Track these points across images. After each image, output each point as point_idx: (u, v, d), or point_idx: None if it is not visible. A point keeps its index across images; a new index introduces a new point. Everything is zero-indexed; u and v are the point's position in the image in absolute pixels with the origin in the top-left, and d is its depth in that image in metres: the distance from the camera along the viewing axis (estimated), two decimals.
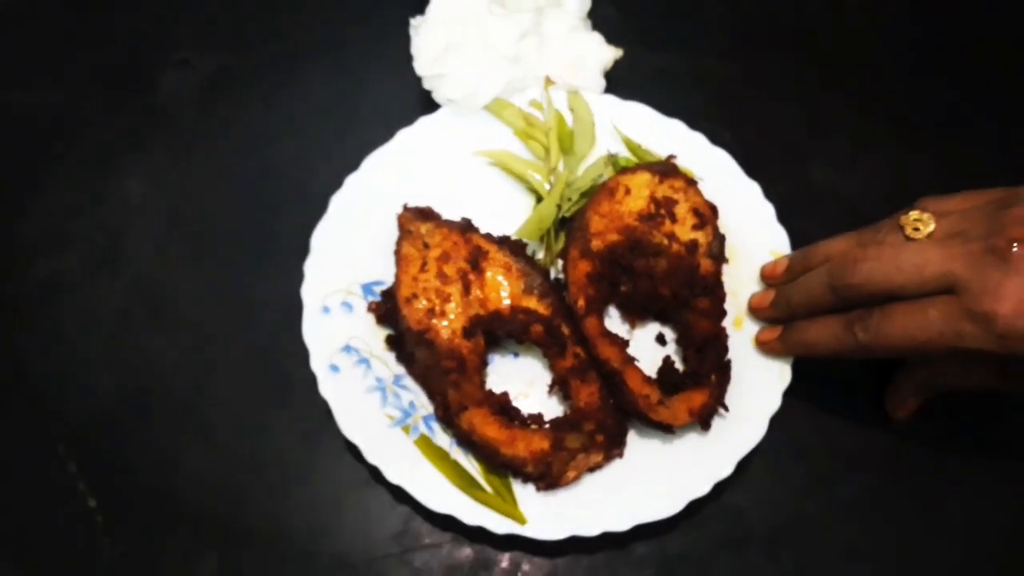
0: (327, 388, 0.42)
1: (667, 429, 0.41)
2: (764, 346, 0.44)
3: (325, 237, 0.46)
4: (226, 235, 0.50)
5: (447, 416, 0.42)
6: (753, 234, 0.47)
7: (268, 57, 0.56)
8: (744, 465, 0.42)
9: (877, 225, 0.40)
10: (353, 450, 0.42)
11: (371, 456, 0.41)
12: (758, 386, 0.43)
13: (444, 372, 0.42)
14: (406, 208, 0.46)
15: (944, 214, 0.38)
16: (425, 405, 0.44)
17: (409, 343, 0.43)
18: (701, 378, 0.43)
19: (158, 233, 0.50)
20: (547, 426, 0.42)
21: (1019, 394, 0.38)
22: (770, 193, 0.49)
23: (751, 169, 0.49)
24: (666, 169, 0.47)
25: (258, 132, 0.53)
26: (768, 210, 0.48)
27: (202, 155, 0.53)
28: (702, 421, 0.42)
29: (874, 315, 0.38)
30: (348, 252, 0.46)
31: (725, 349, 0.44)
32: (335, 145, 0.52)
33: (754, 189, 0.48)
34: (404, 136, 0.49)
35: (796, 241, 0.47)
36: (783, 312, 0.43)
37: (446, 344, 0.42)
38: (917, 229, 0.38)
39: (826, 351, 0.40)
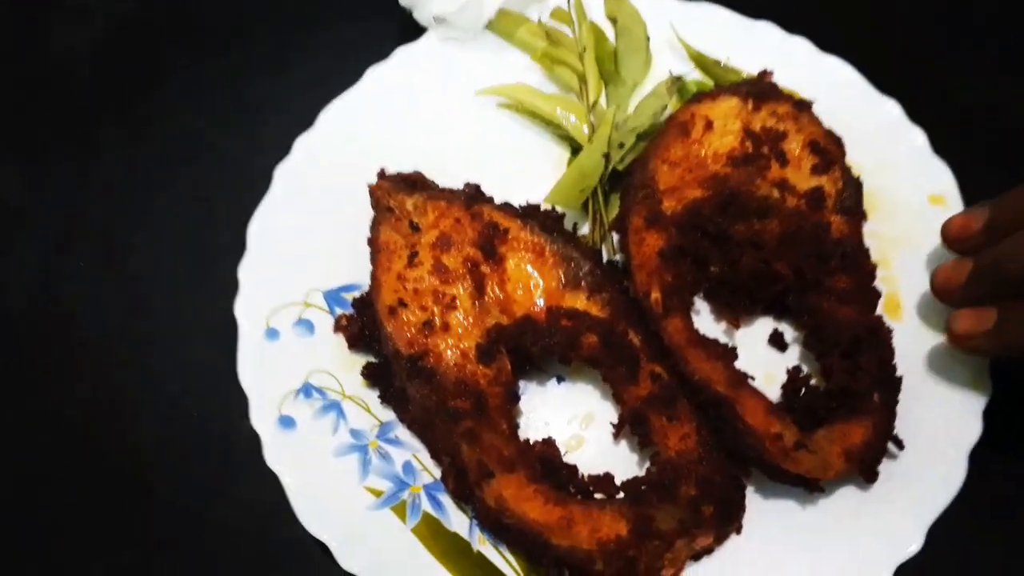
0: (276, 454, 0.34)
1: (812, 485, 0.33)
2: (965, 342, 0.34)
3: (268, 227, 0.38)
4: (141, 234, 0.42)
5: (462, 488, 0.33)
6: (900, 174, 0.39)
7: None
8: (932, 530, 0.33)
9: None
10: (324, 546, 0.33)
11: (347, 561, 0.32)
12: (943, 406, 0.34)
13: (454, 417, 0.33)
14: (383, 176, 0.39)
15: None
16: (429, 466, 0.35)
17: (399, 374, 0.35)
18: (857, 399, 0.33)
19: (49, 239, 0.42)
20: (621, 495, 0.34)
21: None
22: (912, 116, 0.41)
23: (879, 85, 0.41)
24: (761, 90, 0.39)
25: (181, 89, 0.45)
26: (917, 137, 0.39)
27: (106, 128, 0.45)
28: (865, 468, 0.33)
29: None
30: (302, 247, 0.39)
31: (890, 351, 0.34)
32: (284, 98, 0.44)
33: (892, 110, 0.40)
34: (376, 75, 0.42)
35: (960, 180, 0.39)
36: (989, 289, 0.34)
37: (453, 373, 0.34)
38: None
39: None
